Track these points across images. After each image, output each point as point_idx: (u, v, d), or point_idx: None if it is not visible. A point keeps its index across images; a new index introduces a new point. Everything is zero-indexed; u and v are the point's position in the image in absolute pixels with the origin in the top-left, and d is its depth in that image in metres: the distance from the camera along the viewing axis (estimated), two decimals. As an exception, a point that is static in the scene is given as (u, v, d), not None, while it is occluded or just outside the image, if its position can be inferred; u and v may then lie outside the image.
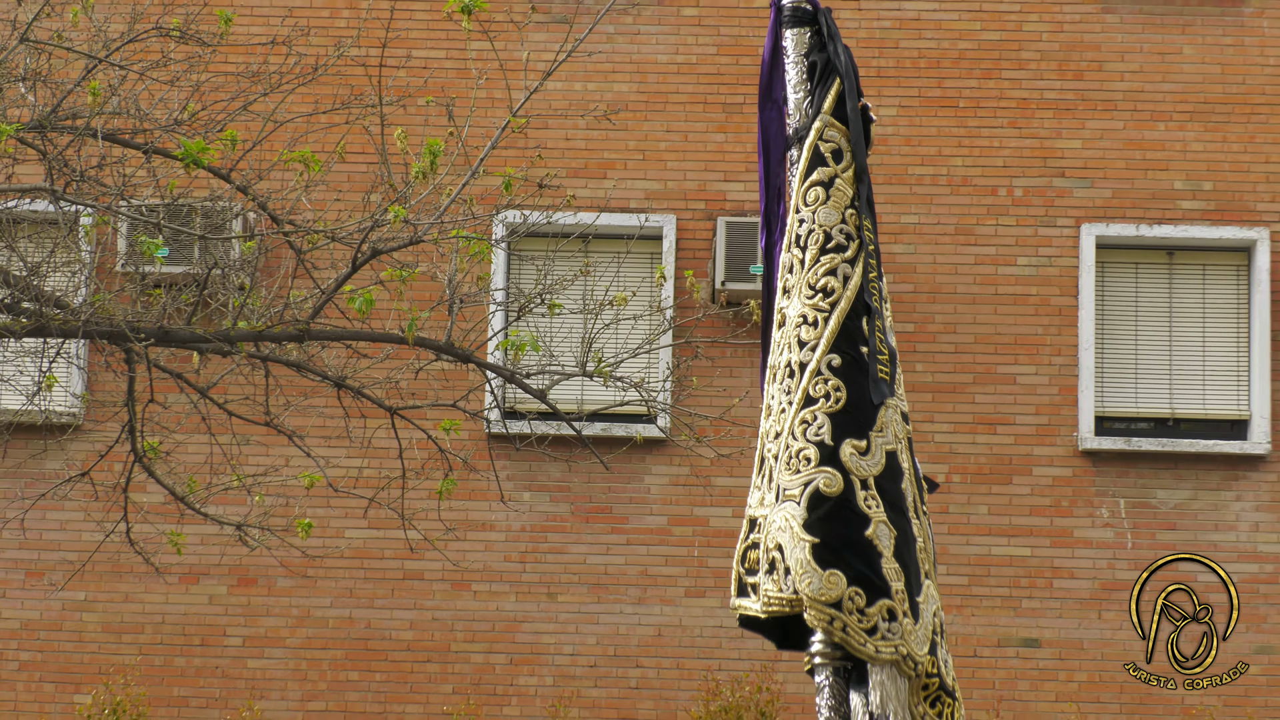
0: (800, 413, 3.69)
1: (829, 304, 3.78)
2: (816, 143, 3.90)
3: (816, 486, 3.57)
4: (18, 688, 16.22)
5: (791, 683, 16.07)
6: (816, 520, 3.56)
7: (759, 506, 3.84)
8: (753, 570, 3.83)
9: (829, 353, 3.72)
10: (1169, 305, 17.43)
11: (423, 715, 16.19)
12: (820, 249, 3.83)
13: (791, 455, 3.66)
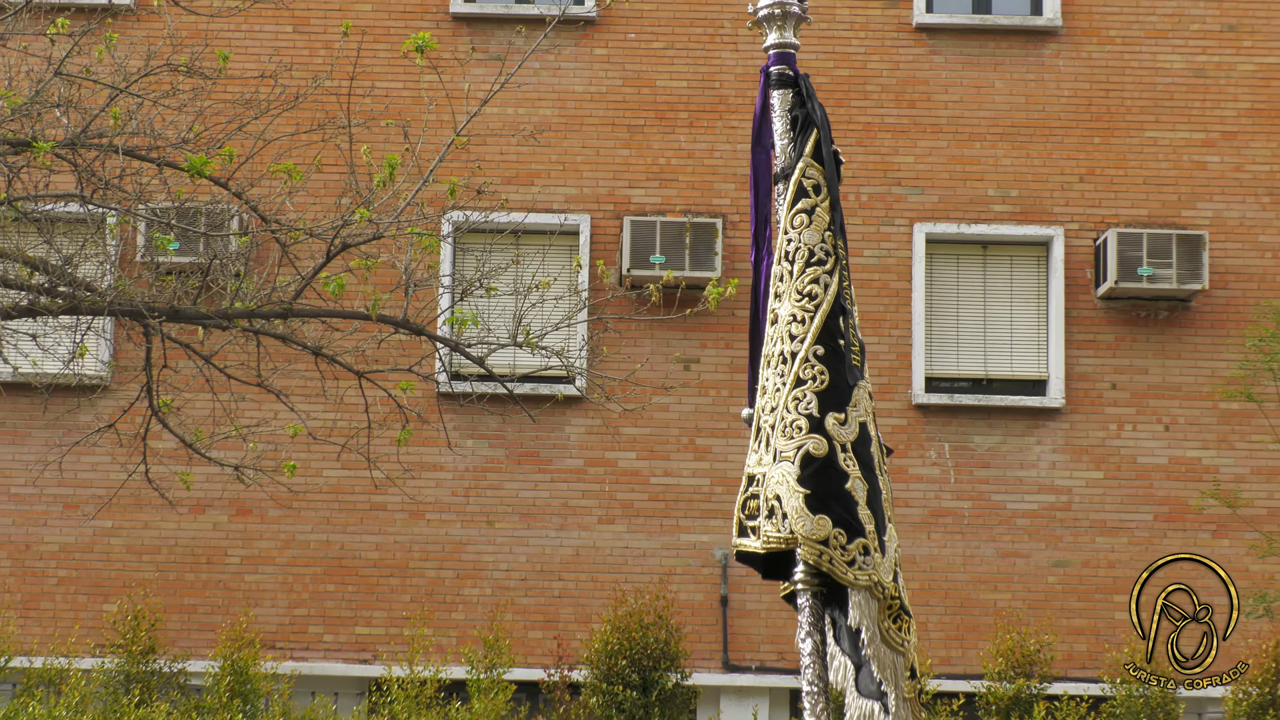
0: (793, 391, 3.85)
1: (814, 306, 3.93)
2: (800, 179, 4.05)
3: (807, 449, 3.75)
4: (57, 599, 16.19)
5: (684, 592, 16.19)
6: (808, 476, 3.74)
7: (757, 465, 3.98)
8: (752, 516, 3.97)
9: (815, 344, 3.88)
10: (983, 288, 17.56)
11: (386, 620, 16.17)
12: (805, 263, 3.97)
13: (786, 425, 3.83)
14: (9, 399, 15.72)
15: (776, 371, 3.95)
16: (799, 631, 3.93)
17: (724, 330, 16.72)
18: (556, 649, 15.89)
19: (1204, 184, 17.20)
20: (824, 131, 4.12)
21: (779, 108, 4.20)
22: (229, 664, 14.70)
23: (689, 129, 17.23)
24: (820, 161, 4.05)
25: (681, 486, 16.70)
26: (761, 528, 3.87)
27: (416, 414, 11.89)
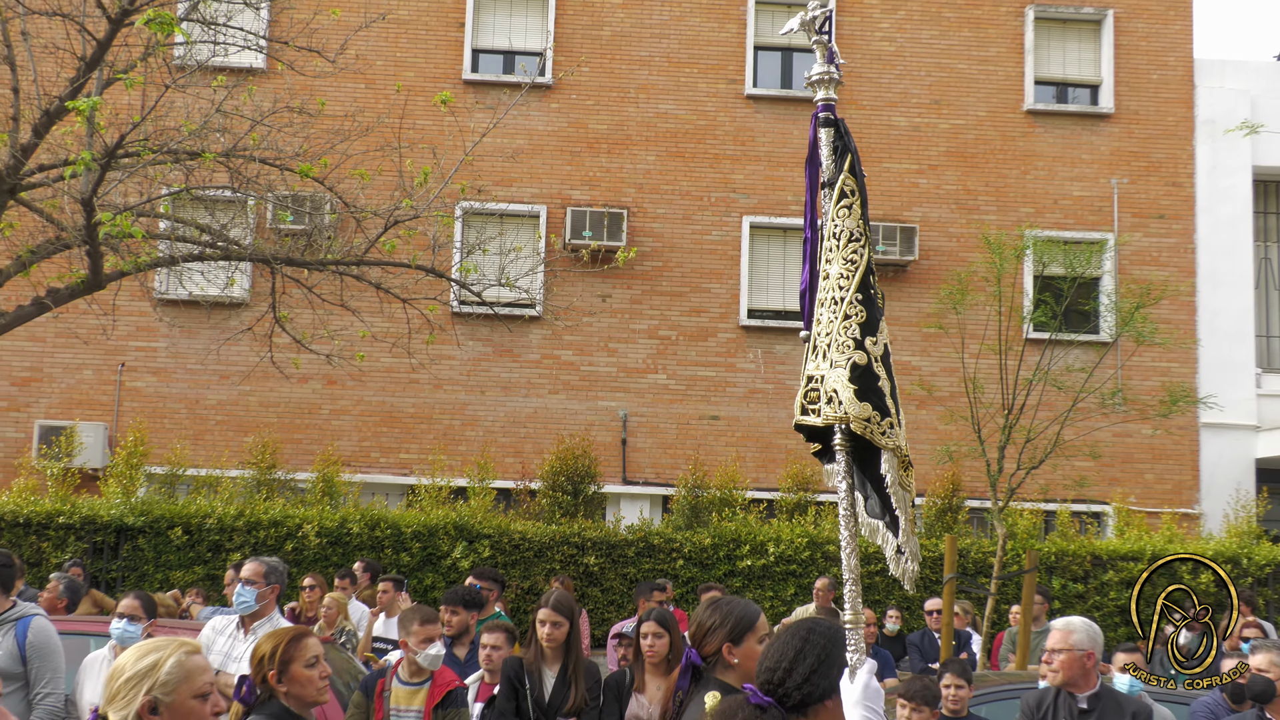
0: (842, 322, 3.78)
1: (854, 268, 3.85)
2: (842, 186, 3.96)
3: (854, 360, 3.72)
4: (215, 434, 16.08)
5: (599, 437, 16.40)
6: (855, 377, 3.70)
7: (815, 370, 3.86)
8: (813, 403, 3.83)
9: (856, 291, 3.82)
10: (784, 256, 17.36)
11: (418, 450, 16.32)
12: (848, 240, 3.89)
13: (839, 344, 3.76)
14: (186, 311, 15.72)
15: (829, 310, 3.88)
16: (836, 477, 3.83)
17: (626, 276, 16.68)
18: (521, 469, 16.06)
19: (916, 197, 17.32)
20: (855, 156, 4.04)
21: (825, 140, 4.06)
22: (321, 476, 14.92)
23: (607, 154, 17.22)
24: (854, 175, 3.99)
25: (599, 372, 16.78)
26: (821, 410, 3.79)
27: (438, 325, 12.05)
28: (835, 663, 3.29)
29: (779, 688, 3.23)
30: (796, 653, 3.25)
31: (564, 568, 13.61)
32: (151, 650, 3.04)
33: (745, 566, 13.87)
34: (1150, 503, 16.60)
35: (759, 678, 3.31)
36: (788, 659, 3.25)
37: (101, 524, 13.52)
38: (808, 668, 3.23)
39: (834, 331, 3.81)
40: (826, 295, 3.89)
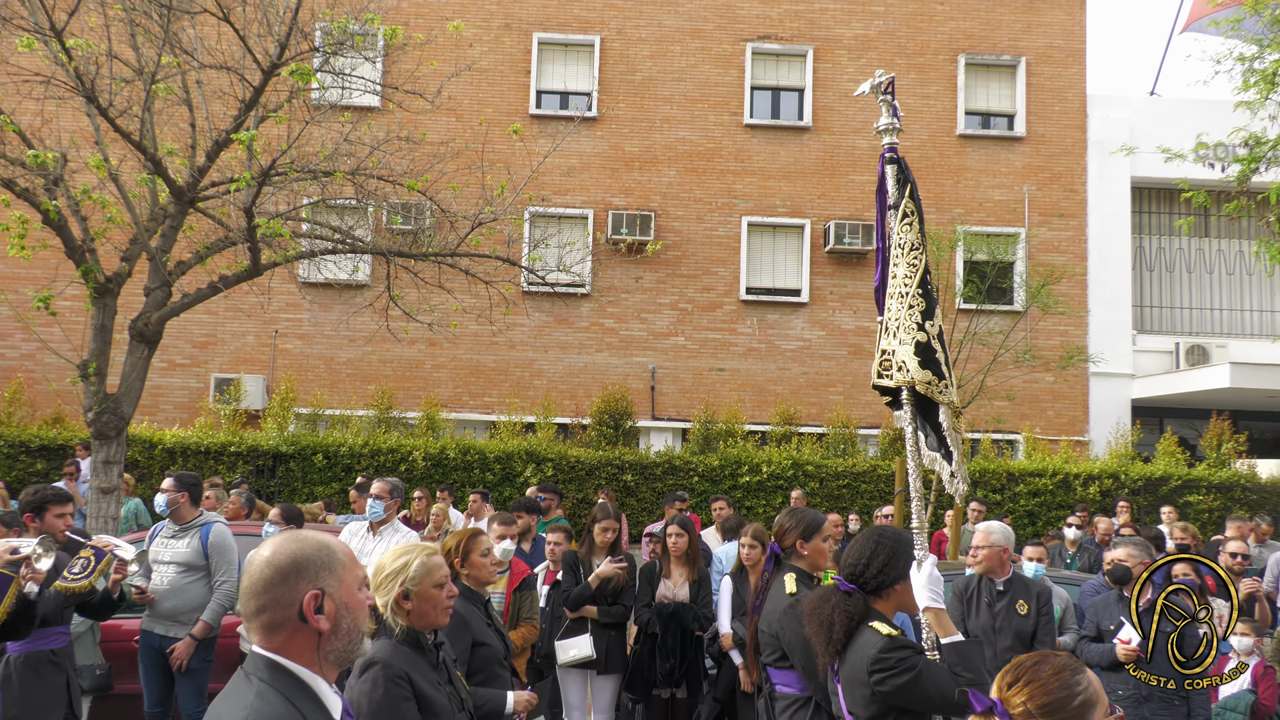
0: (907, 310, 3.81)
1: (915, 269, 3.86)
2: (905, 208, 3.96)
3: (917, 339, 3.77)
4: (345, 387, 16.26)
5: (634, 384, 16.49)
6: (919, 351, 3.76)
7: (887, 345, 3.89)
8: (886, 369, 3.89)
9: (918, 286, 3.84)
10: (773, 248, 17.12)
11: (498, 394, 16.38)
12: (910, 249, 3.89)
13: (905, 326, 3.80)
14: (323, 291, 15.80)
15: (897, 301, 3.89)
16: (904, 422, 3.90)
17: (654, 263, 16.68)
18: (575, 409, 16.13)
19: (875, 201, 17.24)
20: (913, 185, 4.01)
21: (890, 174, 4.05)
22: (425, 415, 14.97)
23: (639, 170, 17.13)
24: (914, 199, 3.96)
25: (634, 336, 16.79)
26: (894, 375, 3.84)
27: (512, 301, 12.07)
28: (903, 557, 3.37)
29: (859, 578, 3.35)
30: (872, 552, 3.35)
31: (608, 483, 13.65)
32: (403, 554, 3.23)
33: (744, 482, 13.87)
34: (1051, 433, 16.61)
35: (843, 571, 3.41)
36: (865, 556, 3.35)
37: (262, 452, 13.63)
38: (881, 562, 3.32)
39: (901, 317, 3.82)
40: (895, 289, 3.89)
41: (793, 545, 4.41)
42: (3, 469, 13.47)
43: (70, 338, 11.47)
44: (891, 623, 3.29)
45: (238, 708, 1.68)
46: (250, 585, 1.82)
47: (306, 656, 1.79)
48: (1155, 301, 18.16)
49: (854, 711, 3.22)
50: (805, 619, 3.42)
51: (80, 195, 8.20)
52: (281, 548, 1.84)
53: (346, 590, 1.83)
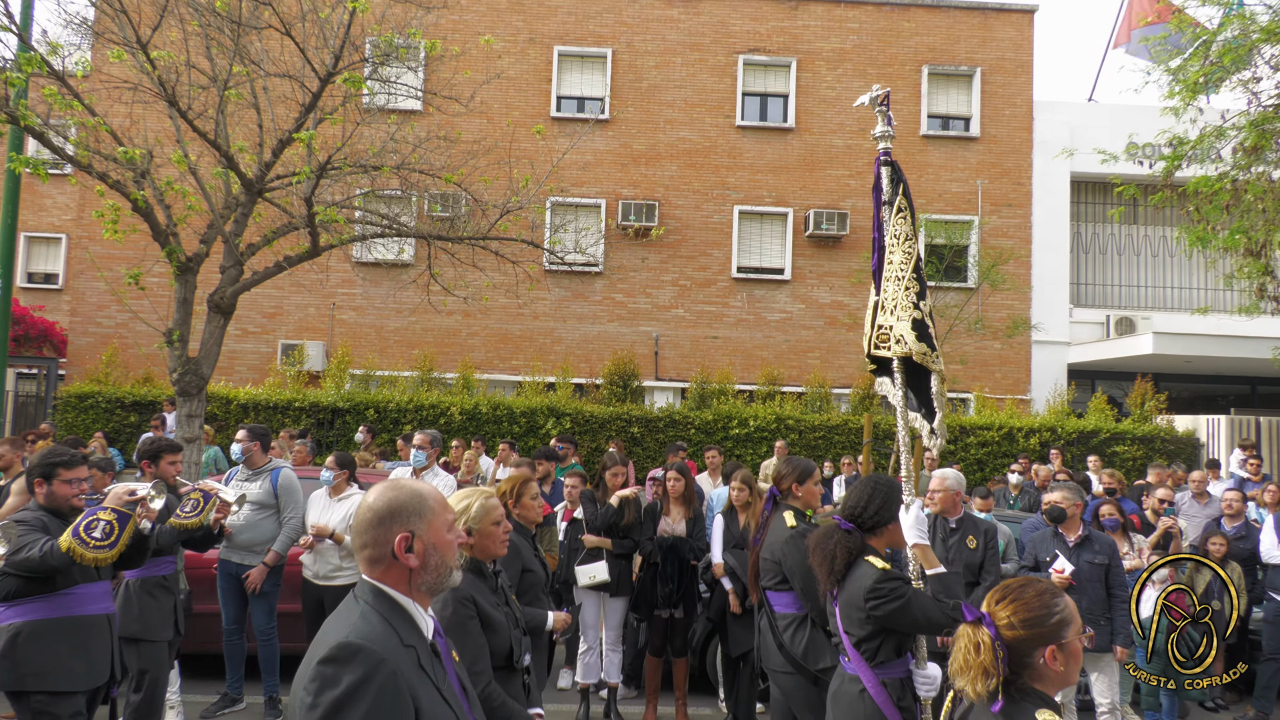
0: (905, 291, 3.69)
1: (910, 257, 3.74)
2: (899, 204, 3.83)
3: (913, 316, 3.66)
4: (393, 349, 16.21)
5: (640, 349, 16.45)
6: (915, 326, 3.66)
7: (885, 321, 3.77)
8: (884, 342, 3.76)
9: (913, 271, 3.71)
10: (760, 233, 17.00)
11: (524, 358, 16.33)
12: (905, 238, 3.77)
13: (902, 305, 3.68)
14: (373, 270, 15.77)
15: (894, 283, 3.76)
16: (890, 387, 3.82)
17: (658, 246, 16.61)
18: (590, 371, 16.12)
19: (848, 193, 16.95)
20: (905, 184, 3.90)
21: (885, 175, 3.93)
22: (461, 376, 14.95)
23: (645, 165, 17.00)
24: (906, 197, 3.85)
25: (640, 308, 16.75)
26: (892, 348, 3.72)
27: (536, 278, 11.92)
28: (894, 501, 3.45)
29: (858, 518, 3.44)
30: (869, 496, 3.43)
31: (617, 435, 13.67)
32: (465, 497, 3.28)
33: (735, 434, 13.87)
34: (998, 392, 16.56)
35: (843, 512, 3.51)
36: (864, 499, 3.44)
37: (322, 407, 13.65)
38: (876, 505, 3.41)
39: (899, 297, 3.74)
40: (891, 274, 3.80)
41: (789, 488, 4.47)
42: (101, 421, 13.54)
43: (156, 309, 11.48)
44: (884, 557, 3.39)
45: (344, 625, 1.72)
46: (356, 525, 1.87)
47: (402, 586, 1.83)
48: (1090, 280, 18.05)
49: (849, 631, 3.33)
50: (810, 552, 3.52)
51: (164, 187, 8.18)
52: (381, 495, 1.86)
53: (435, 532, 1.86)
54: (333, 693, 1.54)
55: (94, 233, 14.88)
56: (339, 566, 6.09)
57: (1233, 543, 7.10)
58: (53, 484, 3.89)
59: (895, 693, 3.27)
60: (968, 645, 2.04)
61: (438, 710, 1.68)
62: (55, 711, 3.72)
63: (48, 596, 3.76)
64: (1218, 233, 8.64)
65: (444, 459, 10.37)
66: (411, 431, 10.17)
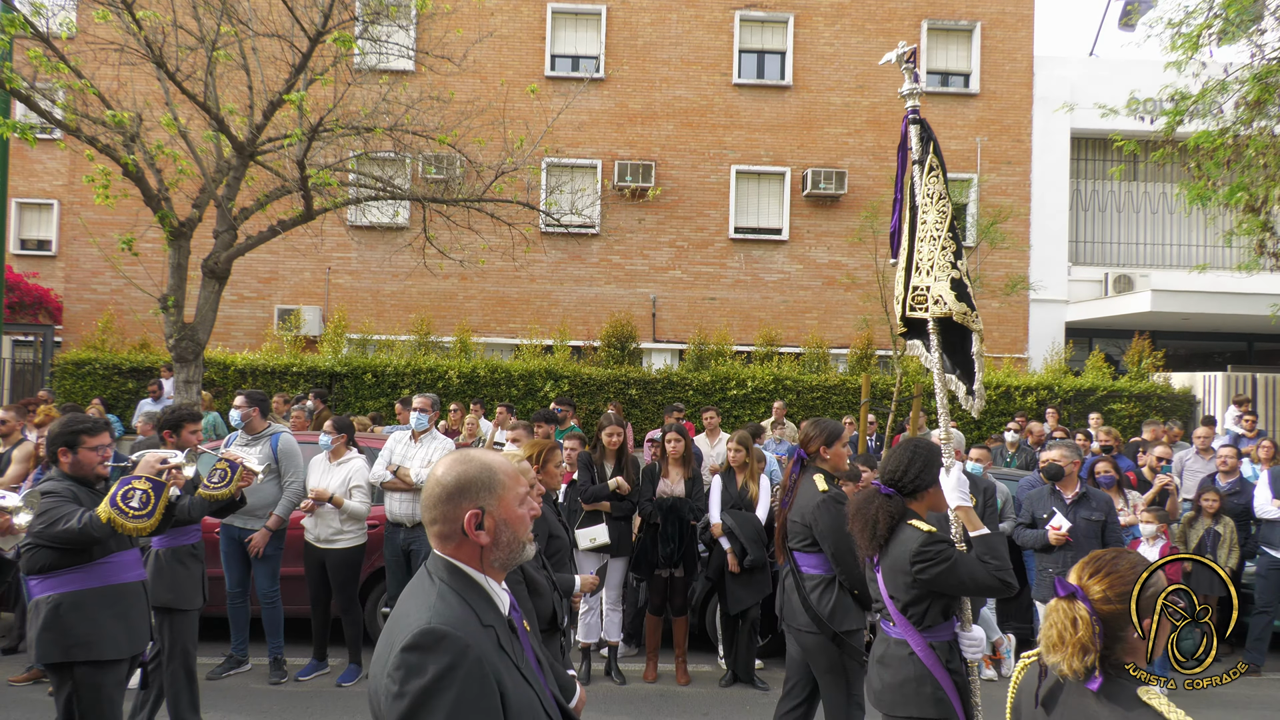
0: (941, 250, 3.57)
1: (944, 216, 3.61)
2: (929, 163, 3.71)
3: (952, 275, 3.53)
4: (389, 313, 16.21)
5: (637, 312, 16.40)
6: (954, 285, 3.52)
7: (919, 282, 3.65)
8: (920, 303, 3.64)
9: (948, 231, 3.59)
10: (757, 193, 16.89)
11: (521, 321, 16.27)
12: (939, 197, 3.65)
13: (940, 265, 3.56)
14: (368, 233, 15.66)
15: (929, 243, 3.64)
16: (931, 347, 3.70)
17: (655, 207, 16.47)
18: (587, 334, 16.13)
19: (846, 151, 16.81)
20: (936, 142, 3.77)
21: (914, 133, 3.79)
22: (458, 339, 14.96)
23: (641, 124, 16.80)
24: (937, 155, 3.72)
25: (637, 270, 16.68)
26: (930, 309, 3.60)
27: (532, 240, 11.91)
28: (935, 464, 3.40)
29: (898, 482, 3.40)
30: (909, 459, 3.39)
31: (615, 397, 13.70)
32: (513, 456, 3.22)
33: (732, 395, 13.91)
34: (996, 350, 16.59)
35: (882, 476, 3.45)
36: (904, 463, 3.40)
37: (319, 372, 13.66)
38: (917, 469, 3.37)
39: (935, 257, 3.62)
40: (925, 234, 3.67)
41: (817, 450, 4.44)
42: (99, 387, 13.54)
43: (151, 275, 11.40)
44: (927, 520, 3.35)
45: (422, 607, 1.67)
46: (425, 500, 1.81)
47: (475, 563, 1.78)
48: (1088, 237, 17.97)
49: (895, 596, 3.30)
50: (850, 518, 3.47)
51: (155, 150, 8.09)
52: (449, 469, 1.80)
53: (506, 508, 1.80)
54: (419, 681, 1.53)
55: (86, 198, 14.73)
56: (340, 530, 6.17)
57: (1226, 498, 7.16)
58: (78, 452, 3.85)
59: (943, 655, 3.26)
60: (1063, 620, 1.97)
61: (520, 691, 1.65)
62: (98, 681, 3.71)
63: (85, 567, 3.74)
64: (1218, 189, 8.58)
65: (443, 423, 10.41)
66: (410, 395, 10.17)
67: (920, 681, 3.21)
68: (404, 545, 6.24)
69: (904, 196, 3.86)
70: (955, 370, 3.75)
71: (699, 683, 6.37)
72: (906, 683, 3.24)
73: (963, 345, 3.71)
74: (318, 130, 8.05)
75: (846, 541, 4.11)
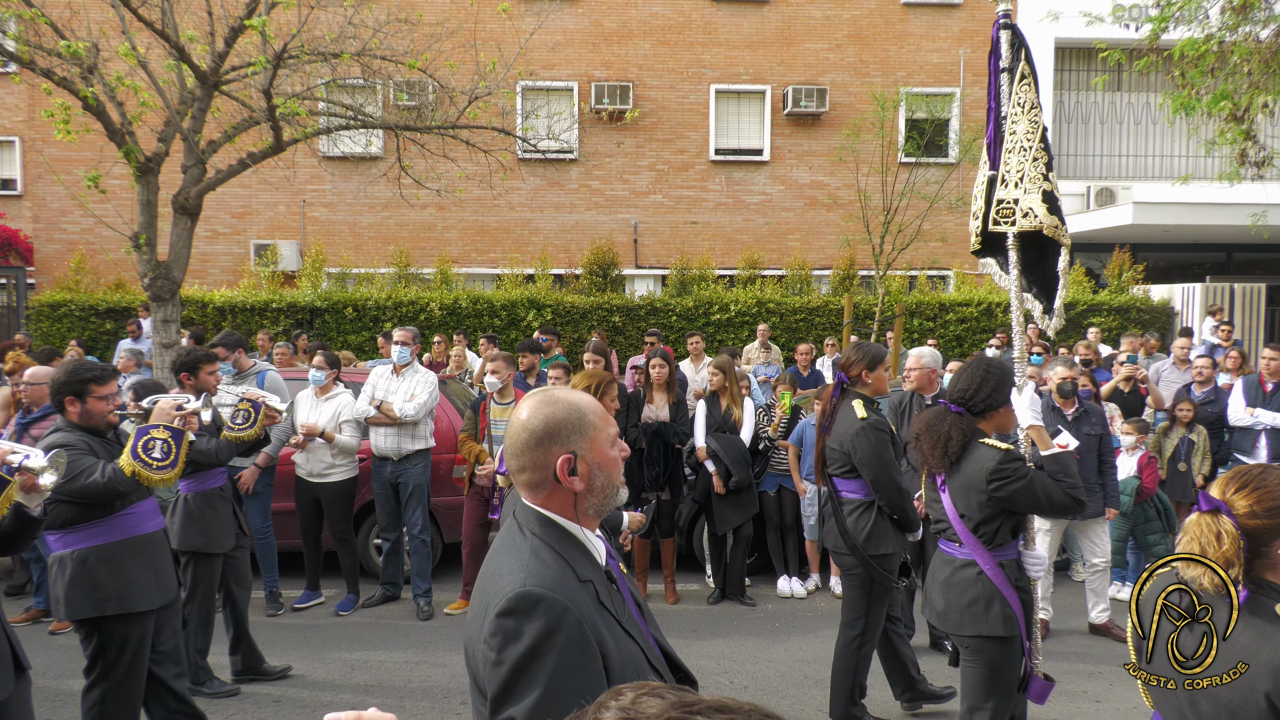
0: (1032, 162, 3.50)
1: (1036, 126, 3.53)
2: (1021, 70, 3.60)
3: (1044, 188, 3.47)
4: (368, 246, 16.02)
5: (619, 237, 16.28)
6: (1046, 198, 3.46)
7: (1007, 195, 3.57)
8: (1006, 217, 3.57)
9: (1040, 142, 3.51)
10: (737, 112, 16.62)
11: (501, 250, 16.11)
12: (1030, 106, 3.55)
13: (1032, 178, 3.49)
14: (342, 164, 15.36)
15: (1018, 155, 3.56)
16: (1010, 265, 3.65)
17: (633, 130, 16.21)
18: (569, 261, 16.01)
19: (827, 67, 16.48)
20: (1028, 49, 3.66)
21: (1004, 40, 3.69)
22: (439, 270, 14.80)
23: (617, 44, 16.39)
24: (1029, 63, 3.61)
25: (618, 195, 16.49)
26: (1017, 221, 3.53)
27: (509, 167, 11.68)
28: (1006, 385, 3.40)
29: (968, 401, 3.40)
30: (981, 380, 3.38)
31: (599, 324, 13.69)
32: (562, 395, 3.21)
33: (716, 319, 13.92)
34: (978, 268, 16.52)
35: (952, 396, 3.46)
36: (975, 382, 3.39)
37: (299, 307, 13.54)
38: (989, 389, 3.37)
39: (1026, 169, 3.54)
40: (1014, 144, 3.58)
41: (858, 375, 4.42)
42: (76, 329, 13.39)
43: (121, 213, 11.18)
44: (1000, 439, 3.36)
45: (516, 567, 1.58)
46: (510, 447, 1.69)
47: (569, 512, 1.67)
48: (1072, 150, 17.84)
49: (966, 515, 3.31)
50: (919, 436, 3.46)
51: (114, 82, 7.83)
52: (535, 412, 1.68)
53: (598, 450, 1.68)
54: (516, 647, 1.46)
55: (47, 134, 14.31)
56: (331, 464, 6.23)
57: (1200, 407, 7.30)
58: (86, 402, 3.74)
59: (1012, 574, 3.28)
60: (1206, 534, 1.92)
61: (622, 646, 1.58)
62: (127, 634, 3.71)
63: (108, 520, 3.69)
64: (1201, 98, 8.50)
65: (427, 356, 10.39)
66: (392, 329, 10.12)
67: (990, 600, 3.23)
68: (391, 479, 6.29)
69: (999, 106, 3.76)
70: (1032, 289, 3.71)
71: (688, 600, 6.54)
72: (975, 602, 3.25)
73: (1041, 262, 3.67)
74: (282, 57, 7.82)
75: (886, 468, 4.19)
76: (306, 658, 5.49)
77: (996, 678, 3.24)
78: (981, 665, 3.26)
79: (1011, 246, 3.61)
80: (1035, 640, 3.41)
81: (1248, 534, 1.89)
